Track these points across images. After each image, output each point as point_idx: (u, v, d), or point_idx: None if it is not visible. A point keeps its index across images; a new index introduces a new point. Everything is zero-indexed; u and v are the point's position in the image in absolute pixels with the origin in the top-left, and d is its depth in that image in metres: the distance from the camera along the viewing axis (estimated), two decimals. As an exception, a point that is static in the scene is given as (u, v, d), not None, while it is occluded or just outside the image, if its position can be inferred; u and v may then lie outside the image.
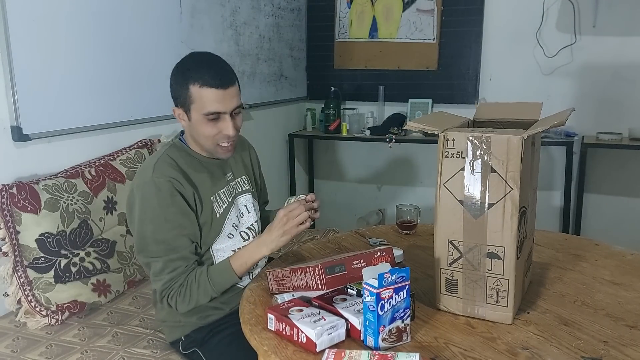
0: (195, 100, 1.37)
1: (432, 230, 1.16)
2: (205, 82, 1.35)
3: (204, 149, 1.46)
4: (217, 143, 1.42)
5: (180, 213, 1.37)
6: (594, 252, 1.54)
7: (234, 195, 1.52)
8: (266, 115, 3.38)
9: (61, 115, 1.97)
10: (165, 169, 1.38)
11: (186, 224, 1.38)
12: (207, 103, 1.36)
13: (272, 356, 1.02)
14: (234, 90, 1.39)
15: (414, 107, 3.50)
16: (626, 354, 1.01)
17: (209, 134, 1.40)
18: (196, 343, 1.48)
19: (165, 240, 1.35)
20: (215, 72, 1.37)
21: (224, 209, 1.48)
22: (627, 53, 3.08)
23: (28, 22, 1.82)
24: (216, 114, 1.37)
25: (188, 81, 1.36)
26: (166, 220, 1.35)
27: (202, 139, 1.42)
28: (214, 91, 1.35)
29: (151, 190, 1.35)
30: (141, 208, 1.36)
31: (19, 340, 1.61)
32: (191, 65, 1.39)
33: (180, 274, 1.36)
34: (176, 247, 1.36)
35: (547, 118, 1.20)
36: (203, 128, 1.39)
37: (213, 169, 1.49)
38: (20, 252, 1.69)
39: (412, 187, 3.75)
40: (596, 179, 3.27)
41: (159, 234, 1.35)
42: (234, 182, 1.54)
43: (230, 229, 1.49)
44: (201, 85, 1.35)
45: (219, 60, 1.43)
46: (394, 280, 1.01)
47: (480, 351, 1.02)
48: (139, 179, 1.40)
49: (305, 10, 3.73)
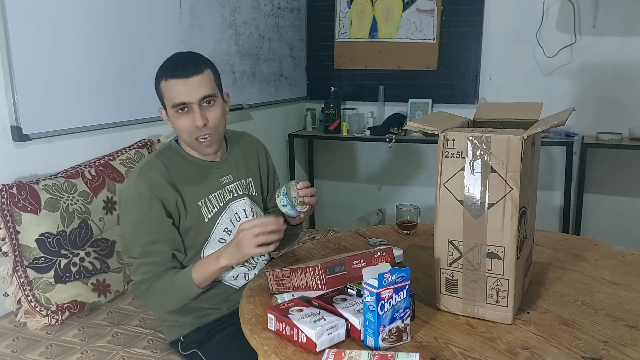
0: (164, 94, 1.40)
1: (432, 230, 1.16)
2: (168, 74, 1.38)
3: (190, 146, 1.46)
4: (194, 137, 1.41)
5: (157, 220, 1.38)
6: (594, 252, 1.54)
7: (227, 200, 1.50)
8: (266, 115, 3.38)
9: (61, 115, 1.97)
10: (149, 173, 1.39)
11: (162, 231, 1.39)
12: (173, 95, 1.38)
13: (272, 356, 1.02)
14: (199, 79, 1.38)
15: (414, 107, 3.50)
16: (626, 354, 1.01)
17: (182, 128, 1.40)
18: (195, 344, 1.48)
19: (140, 244, 1.37)
20: (178, 63, 1.39)
21: (214, 213, 1.47)
22: (627, 53, 3.09)
23: (28, 22, 1.82)
24: (182, 105, 1.38)
25: (159, 78, 1.41)
26: (143, 226, 1.37)
27: (181, 134, 1.44)
28: (176, 81, 1.37)
29: (132, 193, 1.38)
30: (123, 209, 1.41)
31: (19, 340, 1.61)
32: (163, 63, 1.43)
33: (149, 278, 1.38)
34: (150, 252, 1.37)
35: (547, 118, 1.20)
36: (176, 122, 1.41)
37: (207, 171, 1.48)
38: (20, 252, 1.69)
39: (412, 187, 3.75)
40: (596, 179, 3.27)
41: (135, 237, 1.38)
42: (230, 185, 1.52)
43: (222, 234, 1.47)
44: (166, 78, 1.38)
45: (187, 53, 1.45)
46: (394, 280, 1.01)
47: (480, 351, 1.02)
48: (126, 181, 1.44)
49: (305, 10, 3.73)
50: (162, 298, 1.40)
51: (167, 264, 1.40)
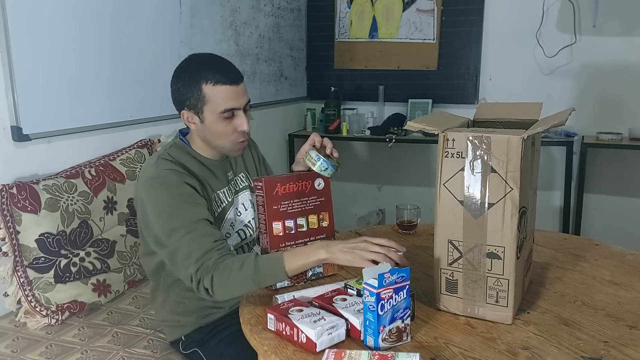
0: (209, 99, 1.36)
1: (432, 230, 1.16)
2: (218, 80, 1.35)
3: (219, 149, 1.44)
4: (234, 141, 1.41)
5: (191, 200, 1.33)
6: (594, 252, 1.54)
7: (233, 195, 1.52)
8: (266, 115, 3.38)
9: (61, 115, 1.97)
10: (168, 164, 1.37)
11: (199, 208, 1.33)
12: (223, 101, 1.36)
13: (272, 356, 1.02)
14: (244, 85, 1.41)
15: (414, 107, 3.51)
16: (626, 354, 1.01)
17: (225, 132, 1.39)
18: (196, 343, 1.48)
19: (182, 225, 1.28)
20: (227, 70, 1.38)
21: (222, 208, 1.48)
22: (627, 53, 3.09)
23: (28, 22, 1.82)
24: (231, 111, 1.38)
25: (200, 82, 1.36)
26: (179, 207, 1.30)
27: (218, 139, 1.41)
28: (228, 88, 1.36)
29: (158, 184, 1.33)
30: (152, 204, 1.33)
31: (19, 340, 1.61)
32: (200, 66, 1.39)
33: (209, 251, 1.25)
34: (196, 228, 1.28)
35: (547, 118, 1.20)
36: (218, 127, 1.38)
37: (214, 168, 1.48)
38: (20, 252, 1.69)
39: (412, 187, 3.75)
40: (596, 179, 3.27)
41: (175, 222, 1.29)
42: (233, 180, 1.54)
43: (228, 228, 1.49)
44: (215, 84, 1.35)
45: (225, 59, 1.44)
46: (394, 280, 1.01)
47: (480, 351, 1.02)
48: (143, 178, 1.38)
49: (305, 10, 3.73)
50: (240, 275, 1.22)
51: (219, 234, 1.31)
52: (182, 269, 1.27)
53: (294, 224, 1.32)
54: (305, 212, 1.34)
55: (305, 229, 1.35)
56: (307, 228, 1.35)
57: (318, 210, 1.36)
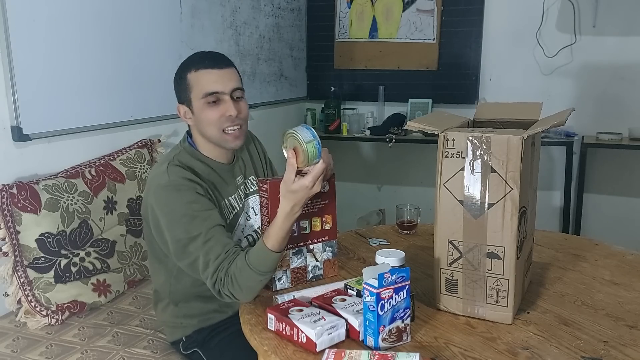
0: (193, 86, 1.37)
1: (432, 230, 1.16)
2: (200, 65, 1.36)
3: (212, 141, 1.41)
4: (222, 129, 1.38)
5: (205, 207, 1.32)
6: (594, 252, 1.54)
7: (243, 200, 1.50)
8: (266, 115, 3.38)
9: (61, 115, 1.97)
10: (179, 171, 1.34)
11: (213, 216, 1.32)
12: (205, 84, 1.36)
13: (272, 356, 1.02)
14: (232, 71, 1.39)
15: (414, 107, 3.50)
16: (626, 354, 1.01)
17: (212, 119, 1.36)
18: (197, 343, 1.48)
19: (199, 235, 1.27)
20: (211, 56, 1.39)
21: (234, 214, 1.46)
22: (627, 53, 3.09)
23: (28, 22, 1.82)
24: (215, 95, 1.36)
25: (185, 72, 1.38)
26: (193, 217, 1.29)
27: (207, 128, 1.38)
28: (209, 71, 1.36)
29: (171, 193, 1.31)
30: (166, 214, 1.31)
31: (19, 340, 1.61)
32: (188, 59, 1.41)
33: (222, 261, 1.25)
34: (211, 237, 1.28)
35: (547, 118, 1.20)
36: (205, 114, 1.37)
37: (224, 174, 1.46)
38: (21, 252, 1.69)
39: (412, 187, 3.75)
40: (596, 179, 3.27)
41: (191, 232, 1.28)
42: (243, 186, 1.52)
43: (239, 235, 1.48)
44: (197, 69, 1.36)
45: (215, 51, 1.44)
46: (394, 280, 1.01)
47: (480, 351, 1.02)
48: (153, 186, 1.36)
49: (305, 10, 3.73)
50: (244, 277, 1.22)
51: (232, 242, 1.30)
52: (204, 279, 1.29)
53: (297, 226, 1.31)
54: (309, 214, 1.33)
55: (307, 231, 1.34)
56: (309, 230, 1.34)
57: (322, 213, 1.35)
